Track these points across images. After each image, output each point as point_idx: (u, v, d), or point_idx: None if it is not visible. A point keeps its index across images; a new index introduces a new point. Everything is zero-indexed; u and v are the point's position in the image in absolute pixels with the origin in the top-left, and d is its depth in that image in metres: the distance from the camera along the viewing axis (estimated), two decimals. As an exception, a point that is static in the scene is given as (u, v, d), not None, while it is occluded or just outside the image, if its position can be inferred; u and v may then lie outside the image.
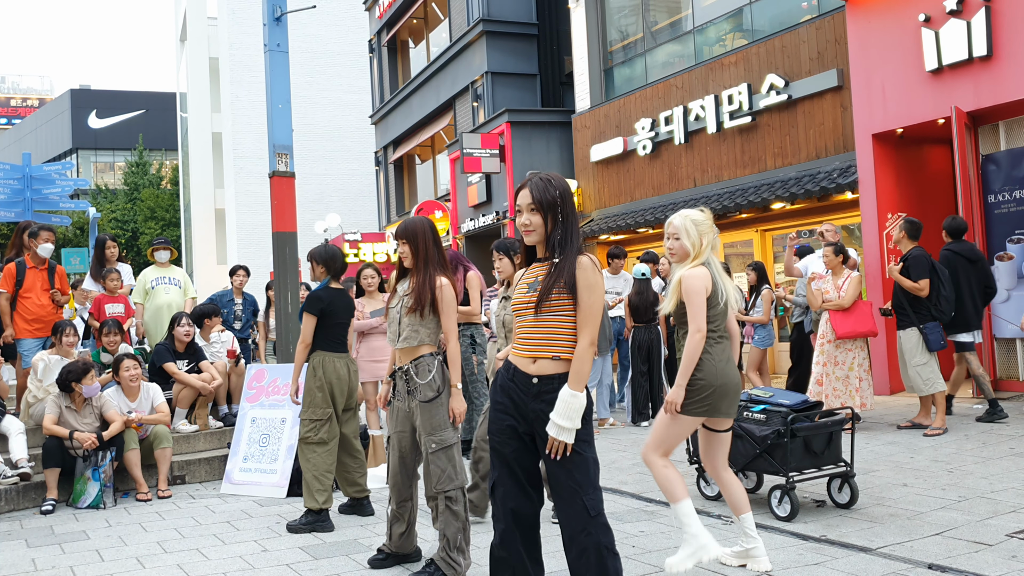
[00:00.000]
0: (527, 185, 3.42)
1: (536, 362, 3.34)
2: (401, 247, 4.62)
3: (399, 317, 4.61)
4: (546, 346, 3.33)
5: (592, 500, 3.25)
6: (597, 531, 3.24)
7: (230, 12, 37.31)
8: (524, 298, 3.40)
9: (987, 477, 6.02)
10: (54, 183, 13.22)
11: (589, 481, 3.27)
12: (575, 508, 3.25)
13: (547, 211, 3.35)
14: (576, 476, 3.26)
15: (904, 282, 7.87)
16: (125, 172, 54.10)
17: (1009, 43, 9.22)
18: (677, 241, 4.34)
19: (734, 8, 14.13)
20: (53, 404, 6.94)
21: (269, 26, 8.13)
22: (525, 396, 3.35)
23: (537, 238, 3.41)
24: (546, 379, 3.32)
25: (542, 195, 3.36)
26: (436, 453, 4.39)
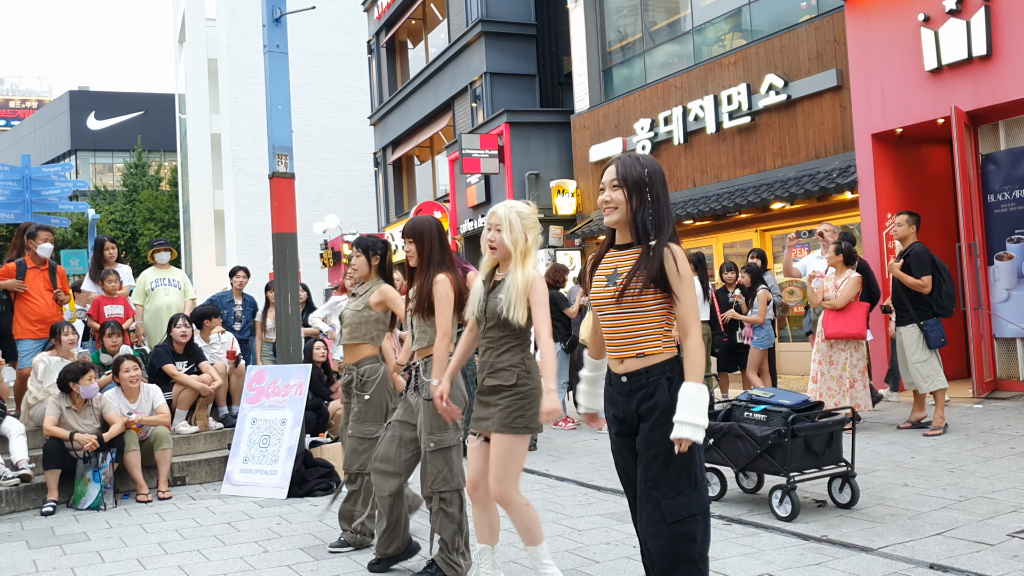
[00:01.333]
0: (613, 162, 3.16)
1: (623, 362, 3.12)
2: (408, 246, 4.60)
3: (410, 318, 4.61)
4: (630, 345, 3.09)
5: (671, 505, 2.97)
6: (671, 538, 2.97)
7: (229, 13, 37.31)
8: (603, 292, 3.14)
9: (988, 477, 6.02)
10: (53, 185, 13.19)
11: (672, 484, 2.99)
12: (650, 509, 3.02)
13: (632, 189, 3.07)
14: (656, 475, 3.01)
15: (906, 279, 7.83)
16: (124, 173, 54.06)
17: (1009, 43, 9.23)
18: (499, 233, 3.92)
19: (733, 8, 14.14)
20: (53, 405, 6.93)
21: (268, 27, 8.13)
22: (620, 398, 3.15)
23: (618, 217, 3.11)
24: (634, 376, 3.10)
25: (627, 171, 3.08)
26: (434, 453, 4.39)
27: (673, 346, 3.11)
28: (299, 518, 6.19)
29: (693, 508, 2.96)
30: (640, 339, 3.07)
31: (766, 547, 4.78)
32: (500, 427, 3.85)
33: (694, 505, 2.96)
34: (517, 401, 3.85)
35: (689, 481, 2.98)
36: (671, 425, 2.95)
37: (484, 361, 3.96)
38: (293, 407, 7.41)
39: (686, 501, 2.96)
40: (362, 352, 5.25)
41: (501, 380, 3.87)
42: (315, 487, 7.00)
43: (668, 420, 2.97)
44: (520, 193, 18.01)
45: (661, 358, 3.07)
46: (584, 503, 6.13)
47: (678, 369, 3.07)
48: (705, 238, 14.29)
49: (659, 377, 3.05)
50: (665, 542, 2.95)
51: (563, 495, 6.43)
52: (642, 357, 3.07)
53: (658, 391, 3.04)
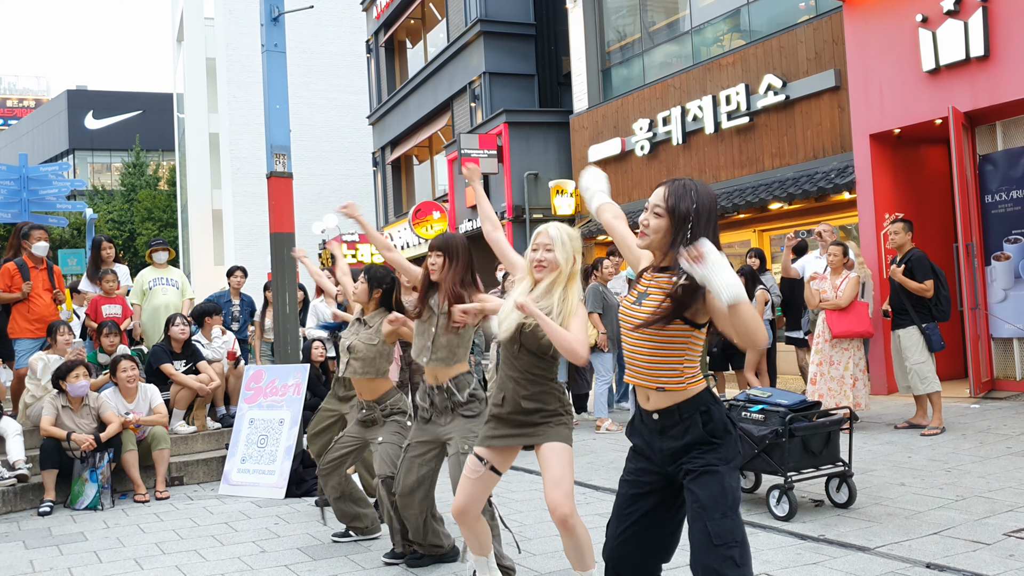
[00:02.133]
0: (667, 184, 2.92)
1: (649, 398, 2.97)
2: (434, 259, 4.45)
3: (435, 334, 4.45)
4: (650, 376, 2.93)
5: (717, 527, 2.78)
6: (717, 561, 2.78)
7: (227, 12, 37.29)
8: (628, 312, 2.97)
9: (984, 476, 6.03)
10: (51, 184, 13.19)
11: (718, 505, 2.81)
12: (696, 532, 2.83)
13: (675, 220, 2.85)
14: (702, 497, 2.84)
15: (909, 283, 7.87)
16: (122, 173, 54.03)
17: (1006, 43, 9.24)
18: (549, 253, 3.70)
19: (732, 9, 14.14)
20: (50, 405, 6.93)
21: (266, 26, 8.13)
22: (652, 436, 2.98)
23: (648, 243, 2.94)
24: (665, 413, 2.93)
25: (677, 201, 2.84)
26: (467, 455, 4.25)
27: (698, 379, 2.94)
28: (297, 518, 6.19)
29: (737, 534, 2.81)
30: (660, 373, 2.91)
31: (763, 547, 4.78)
32: (560, 437, 3.71)
33: (738, 531, 2.82)
34: (563, 418, 3.78)
35: (734, 505, 2.85)
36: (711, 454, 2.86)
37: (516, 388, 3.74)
38: (291, 407, 7.42)
39: (732, 525, 2.81)
40: (379, 388, 5.13)
41: (543, 403, 3.73)
42: (313, 487, 6.99)
43: (709, 448, 2.87)
44: (519, 193, 18.02)
45: (689, 393, 2.91)
46: (582, 503, 6.13)
47: (711, 400, 2.92)
48: (703, 238, 14.28)
49: (692, 412, 2.90)
50: (713, 564, 2.78)
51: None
52: (662, 392, 2.91)
53: (692, 428, 2.89)
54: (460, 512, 3.81)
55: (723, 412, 2.93)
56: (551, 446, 3.71)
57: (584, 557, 3.68)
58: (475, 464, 3.81)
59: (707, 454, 2.87)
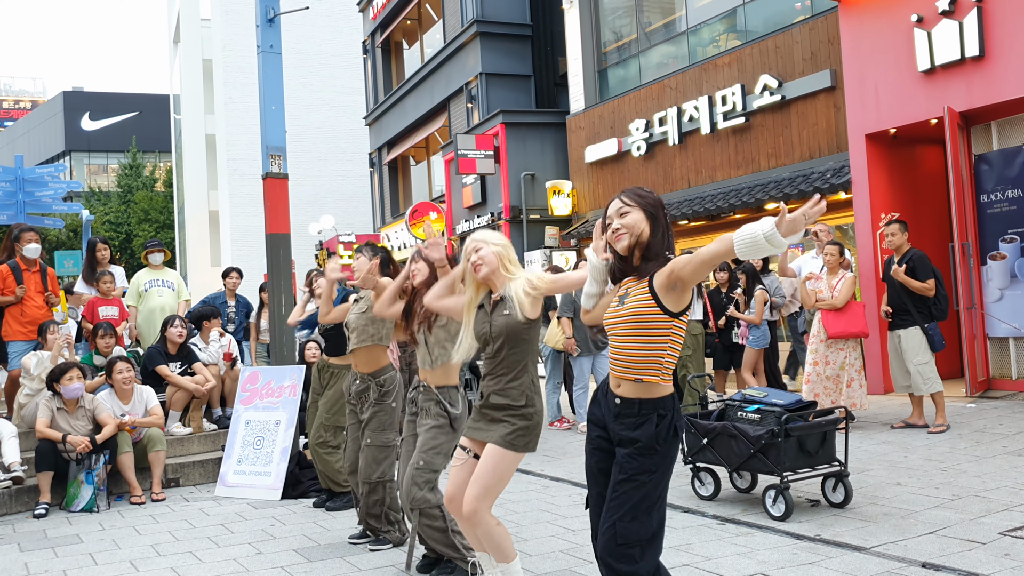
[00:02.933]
0: (616, 197, 3.18)
1: (620, 385, 3.13)
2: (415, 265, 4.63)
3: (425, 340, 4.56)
4: (630, 369, 3.09)
5: (625, 529, 2.98)
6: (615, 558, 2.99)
7: (223, 14, 37.27)
8: (612, 313, 3.15)
9: (980, 476, 6.04)
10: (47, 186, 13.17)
11: (631, 510, 3.00)
12: (606, 526, 3.04)
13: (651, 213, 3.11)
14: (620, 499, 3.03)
15: (912, 283, 7.88)
16: (118, 174, 53.99)
17: (1001, 43, 9.25)
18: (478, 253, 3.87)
19: (727, 9, 14.15)
20: (45, 407, 6.91)
21: (262, 27, 8.12)
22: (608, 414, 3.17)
23: (631, 240, 3.11)
24: (627, 402, 3.10)
25: (638, 198, 3.12)
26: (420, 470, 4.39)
27: (670, 379, 3.12)
28: (293, 519, 6.18)
29: (643, 535, 2.99)
30: (640, 365, 3.06)
31: (759, 547, 4.78)
32: (501, 441, 3.76)
33: (643, 533, 2.99)
34: (523, 421, 3.79)
35: (648, 510, 3.01)
36: (646, 458, 3.02)
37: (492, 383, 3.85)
38: (287, 408, 7.41)
39: (639, 528, 2.99)
40: (377, 360, 5.21)
41: (510, 399, 3.79)
42: (309, 488, 6.98)
43: (646, 453, 3.03)
44: (516, 194, 18.02)
45: (656, 392, 3.08)
46: (578, 503, 6.13)
47: (670, 407, 3.08)
48: (699, 238, 14.29)
49: (651, 412, 3.06)
50: (612, 561, 2.99)
51: (557, 495, 6.43)
52: (639, 384, 3.08)
53: (645, 425, 3.06)
54: (449, 500, 3.90)
55: (677, 420, 3.09)
56: (490, 447, 3.79)
57: (504, 550, 3.81)
58: (459, 452, 3.93)
59: (640, 457, 3.04)
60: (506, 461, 3.77)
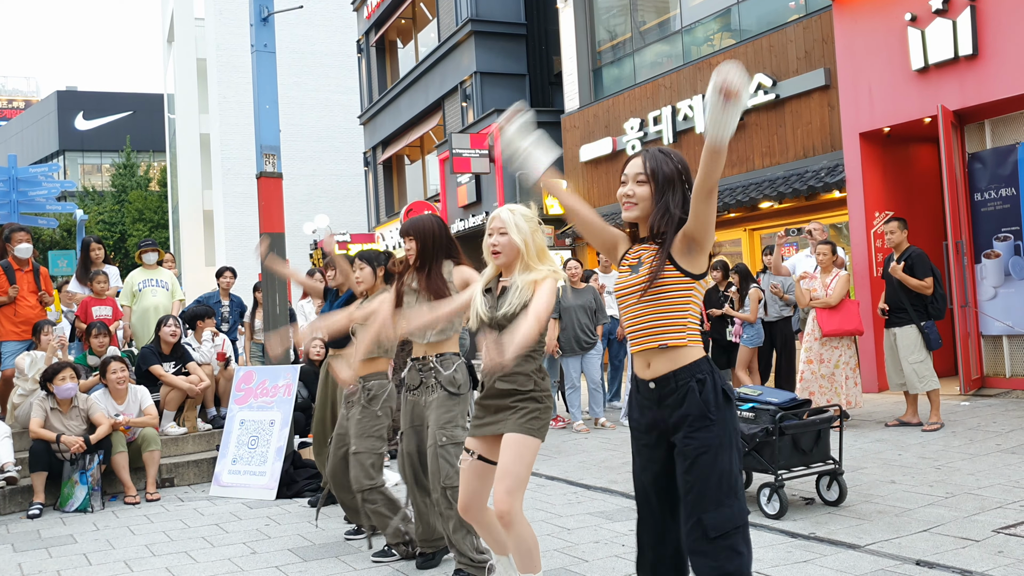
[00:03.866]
0: (640, 155, 2.93)
1: (649, 364, 2.89)
2: (407, 243, 4.55)
3: None
4: (652, 336, 2.86)
5: (713, 519, 2.72)
6: (716, 555, 2.72)
7: (217, 13, 37.18)
8: (626, 281, 2.93)
9: (974, 473, 6.05)
10: (40, 185, 13.14)
11: (712, 496, 2.74)
12: (691, 525, 2.77)
13: (661, 185, 2.88)
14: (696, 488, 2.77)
15: (910, 281, 7.90)
16: (113, 174, 53.85)
17: (994, 42, 9.27)
18: (503, 237, 3.73)
19: (722, 8, 14.16)
20: (38, 408, 6.90)
21: (256, 26, 8.11)
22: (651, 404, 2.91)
23: (638, 214, 2.92)
24: (661, 381, 2.87)
25: (658, 165, 2.88)
26: (444, 447, 4.29)
27: (699, 342, 2.90)
28: (288, 519, 6.18)
29: (736, 520, 2.74)
30: (662, 329, 2.85)
31: (754, 545, 4.75)
32: (518, 428, 3.58)
33: (737, 517, 2.75)
34: (534, 404, 3.64)
35: (731, 491, 2.76)
36: (705, 432, 2.78)
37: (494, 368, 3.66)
38: (281, 408, 7.40)
39: (729, 513, 2.73)
40: (374, 365, 5.13)
41: (517, 384, 3.64)
42: (304, 488, 6.98)
43: (703, 425, 2.78)
44: (511, 193, 18.01)
45: (687, 358, 2.85)
46: (574, 502, 6.14)
47: (708, 370, 2.85)
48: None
49: (688, 380, 2.83)
50: (712, 561, 2.72)
51: (552, 494, 6.43)
52: (665, 350, 2.84)
53: (689, 396, 2.82)
54: (463, 508, 3.73)
55: (720, 382, 2.85)
56: (508, 436, 3.58)
57: (534, 559, 3.57)
58: (464, 455, 3.77)
59: (699, 432, 2.78)
60: (529, 447, 3.57)
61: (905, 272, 7.93)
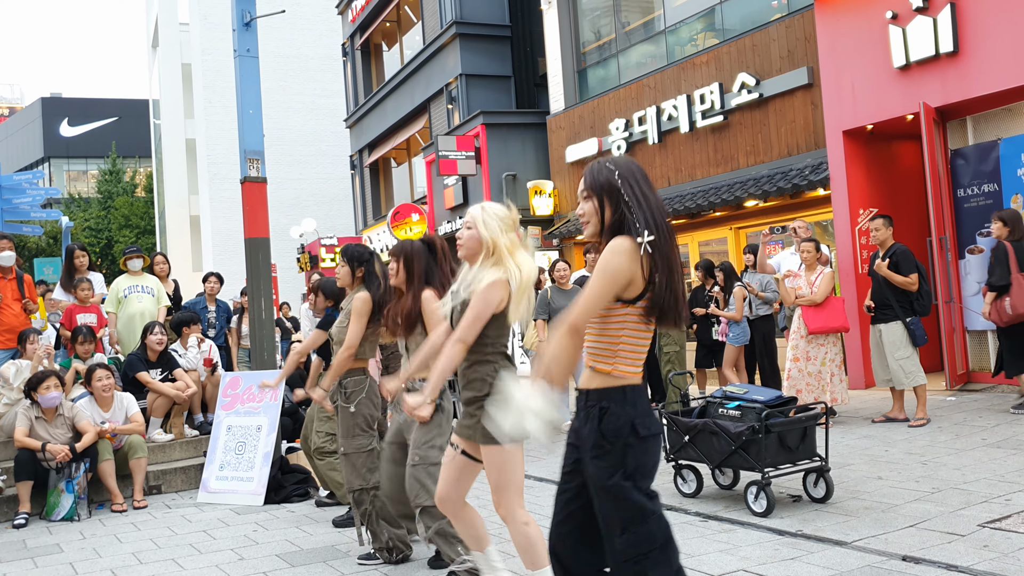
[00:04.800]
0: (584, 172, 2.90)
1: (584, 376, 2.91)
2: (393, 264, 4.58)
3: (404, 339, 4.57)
4: (589, 355, 2.87)
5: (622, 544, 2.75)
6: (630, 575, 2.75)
7: (202, 18, 37.10)
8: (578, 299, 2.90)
9: (960, 468, 6.08)
10: (25, 192, 13.10)
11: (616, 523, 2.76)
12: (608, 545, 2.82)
13: (601, 195, 2.82)
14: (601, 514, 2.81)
15: (895, 277, 7.94)
16: (98, 180, 53.57)
17: (975, 39, 9.32)
18: (468, 231, 3.80)
19: (705, 8, 14.20)
20: (23, 416, 6.86)
21: (238, 31, 8.10)
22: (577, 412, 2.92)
23: (593, 230, 2.87)
24: (582, 393, 2.88)
25: (595, 177, 2.84)
26: (417, 467, 4.35)
27: (629, 372, 2.82)
28: (275, 525, 6.16)
29: (642, 546, 2.73)
30: (595, 351, 2.83)
31: (742, 543, 4.80)
32: (481, 438, 3.64)
33: (643, 543, 2.74)
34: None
35: (633, 520, 2.75)
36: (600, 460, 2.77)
37: (460, 377, 3.79)
38: (268, 413, 7.38)
39: (633, 540, 2.73)
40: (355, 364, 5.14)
41: (475, 391, 3.70)
42: (291, 493, 6.97)
43: (597, 454, 2.77)
44: (498, 194, 18.01)
45: (606, 382, 2.80)
46: (561, 503, 6.13)
47: (618, 399, 2.78)
48: (680, 237, 14.33)
49: (594, 405, 2.80)
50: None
51: (542, 495, 6.43)
52: (592, 372, 2.84)
53: (588, 422, 2.81)
54: (441, 499, 3.80)
55: (633, 417, 2.77)
56: (483, 450, 3.66)
57: (532, 555, 3.62)
58: (449, 449, 3.83)
59: (597, 460, 2.77)
60: (502, 455, 3.61)
61: (890, 269, 7.97)
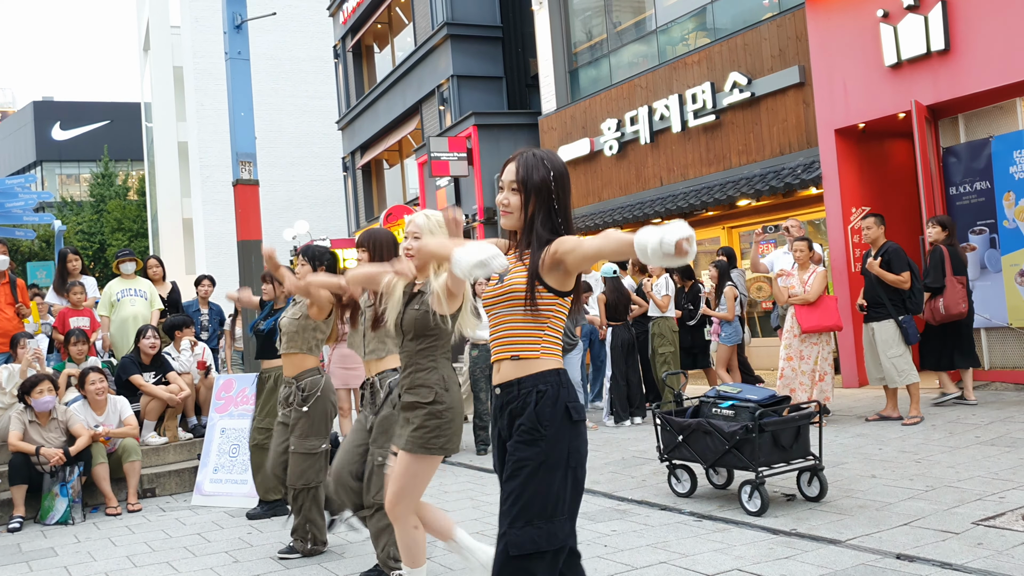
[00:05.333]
0: (515, 159, 2.81)
1: (500, 369, 2.83)
2: (360, 254, 4.58)
3: (363, 330, 4.54)
4: (506, 346, 2.80)
5: (518, 536, 2.61)
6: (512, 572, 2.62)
7: (193, 21, 37.02)
8: (491, 290, 2.84)
9: (953, 466, 6.10)
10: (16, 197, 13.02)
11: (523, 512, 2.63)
12: (498, 537, 2.69)
13: (530, 193, 2.76)
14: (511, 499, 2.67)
15: (887, 276, 7.96)
16: (91, 184, 53.42)
17: (966, 37, 9.35)
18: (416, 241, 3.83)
19: (696, 7, 14.22)
20: (16, 420, 6.84)
21: (230, 34, 8.09)
22: (497, 412, 2.85)
23: (513, 223, 2.82)
24: (507, 386, 2.79)
25: (528, 173, 2.76)
26: (381, 467, 4.34)
27: (555, 355, 2.79)
28: (270, 527, 6.15)
29: (540, 544, 2.61)
30: (517, 340, 2.77)
31: (736, 542, 4.81)
32: (410, 445, 3.68)
33: (542, 541, 2.61)
34: (432, 420, 3.71)
35: (544, 514, 2.63)
36: (531, 447, 2.67)
37: (403, 380, 3.84)
38: (263, 415, 7.35)
39: (533, 535, 2.61)
40: (303, 363, 5.18)
41: (419, 397, 3.74)
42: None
43: (528, 440, 2.67)
44: (490, 195, 18.02)
45: (536, 367, 2.75)
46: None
47: (553, 382, 2.73)
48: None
49: (530, 390, 2.73)
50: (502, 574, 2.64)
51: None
52: (516, 361, 2.77)
53: (525, 407, 2.72)
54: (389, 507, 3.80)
55: (566, 398, 2.73)
56: (400, 455, 3.75)
57: (414, 554, 3.79)
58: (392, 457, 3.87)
59: (524, 447, 2.68)
60: (417, 464, 3.68)
61: (882, 267, 7.99)
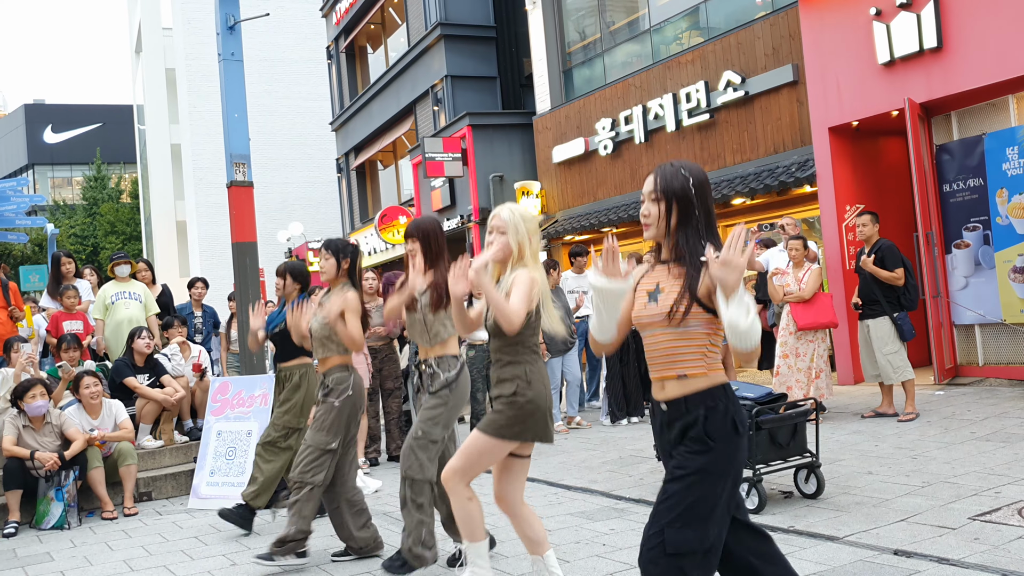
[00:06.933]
0: (655, 170, 2.88)
1: (664, 387, 2.85)
2: (411, 244, 4.60)
3: (423, 316, 4.57)
4: (671, 365, 2.82)
5: (675, 537, 2.68)
6: (667, 571, 2.68)
7: (185, 22, 36.96)
8: (644, 312, 2.87)
9: (949, 462, 6.11)
10: (9, 200, 13.02)
11: (680, 515, 2.70)
12: (652, 533, 2.74)
13: (671, 203, 2.81)
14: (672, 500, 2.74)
15: (880, 273, 7.97)
16: (83, 187, 53.33)
17: (958, 34, 9.37)
18: (503, 237, 3.83)
19: (690, 6, 14.23)
20: (10, 425, 6.81)
21: (223, 35, 8.07)
22: (663, 428, 2.89)
23: (655, 234, 2.86)
24: (674, 404, 2.83)
25: (668, 183, 2.81)
26: (418, 440, 4.46)
27: (719, 369, 2.85)
28: (267, 530, 6.13)
29: (695, 545, 2.69)
30: (682, 359, 2.80)
31: (734, 540, 4.80)
32: (484, 426, 3.82)
33: (696, 542, 2.69)
34: (511, 411, 3.78)
35: (701, 518, 2.72)
36: (699, 456, 2.74)
37: (492, 371, 3.95)
38: (258, 418, 7.35)
39: (691, 536, 2.69)
40: (330, 363, 5.14)
41: (501, 390, 3.84)
42: (283, 498, 6.93)
43: (697, 450, 2.75)
44: (485, 195, 18.01)
45: (703, 383, 2.80)
46: (554, 503, 6.14)
47: (721, 397, 2.80)
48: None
49: (698, 407, 2.78)
50: (659, 572, 2.71)
51: (534, 495, 6.43)
52: (683, 380, 2.81)
53: (694, 424, 2.78)
54: (497, 499, 3.94)
55: (734, 412, 2.79)
56: (472, 433, 3.88)
57: (470, 528, 3.90)
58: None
59: (691, 455, 2.76)
60: (483, 444, 3.79)
61: (876, 264, 8.00)
